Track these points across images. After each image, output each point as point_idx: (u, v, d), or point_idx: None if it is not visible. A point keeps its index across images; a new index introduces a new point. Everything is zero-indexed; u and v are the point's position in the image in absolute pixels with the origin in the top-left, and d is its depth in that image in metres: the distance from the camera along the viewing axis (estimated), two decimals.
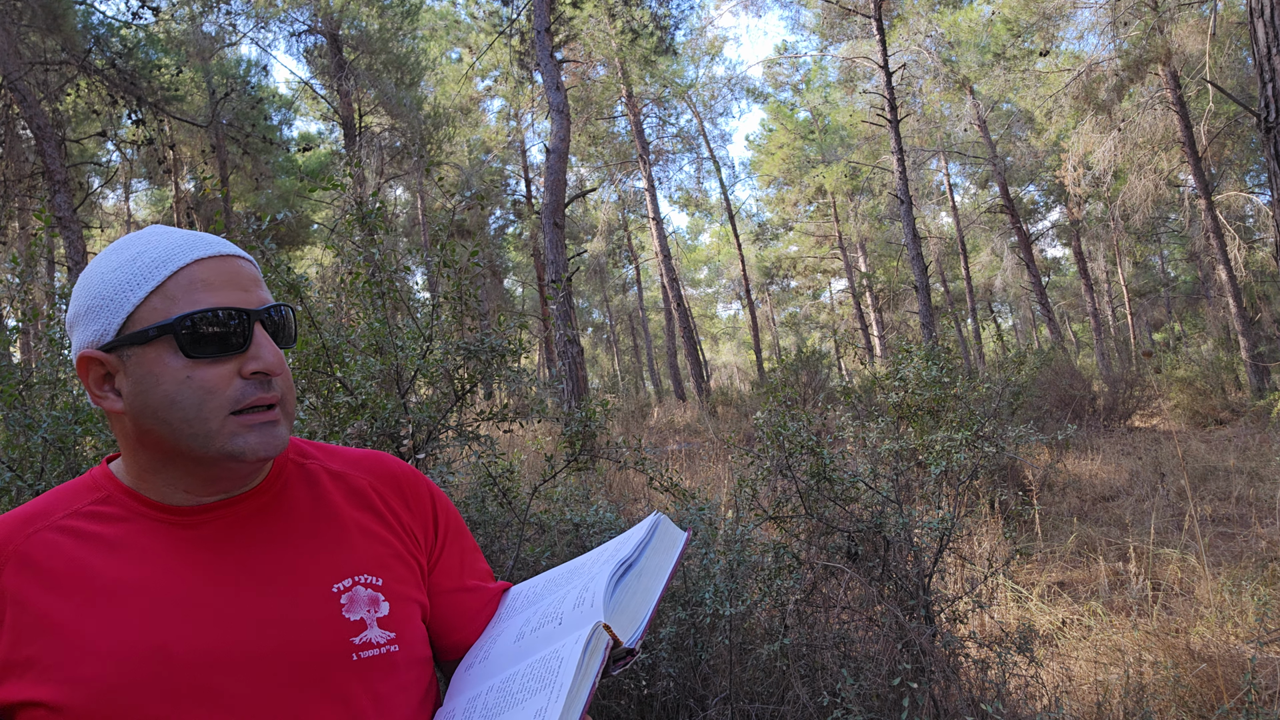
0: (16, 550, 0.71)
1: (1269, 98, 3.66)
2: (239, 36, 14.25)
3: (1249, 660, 2.62)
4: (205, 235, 0.76)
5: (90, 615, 0.69)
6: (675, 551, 0.84)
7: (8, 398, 2.16)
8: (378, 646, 0.75)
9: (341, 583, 0.76)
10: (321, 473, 0.84)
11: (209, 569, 0.73)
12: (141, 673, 0.67)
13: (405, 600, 0.80)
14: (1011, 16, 14.32)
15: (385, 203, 3.45)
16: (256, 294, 0.75)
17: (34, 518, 0.74)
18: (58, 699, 0.66)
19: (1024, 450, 6.80)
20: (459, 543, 0.91)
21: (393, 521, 0.84)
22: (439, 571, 0.87)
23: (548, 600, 0.83)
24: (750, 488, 2.84)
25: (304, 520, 0.80)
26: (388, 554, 0.81)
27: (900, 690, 2.17)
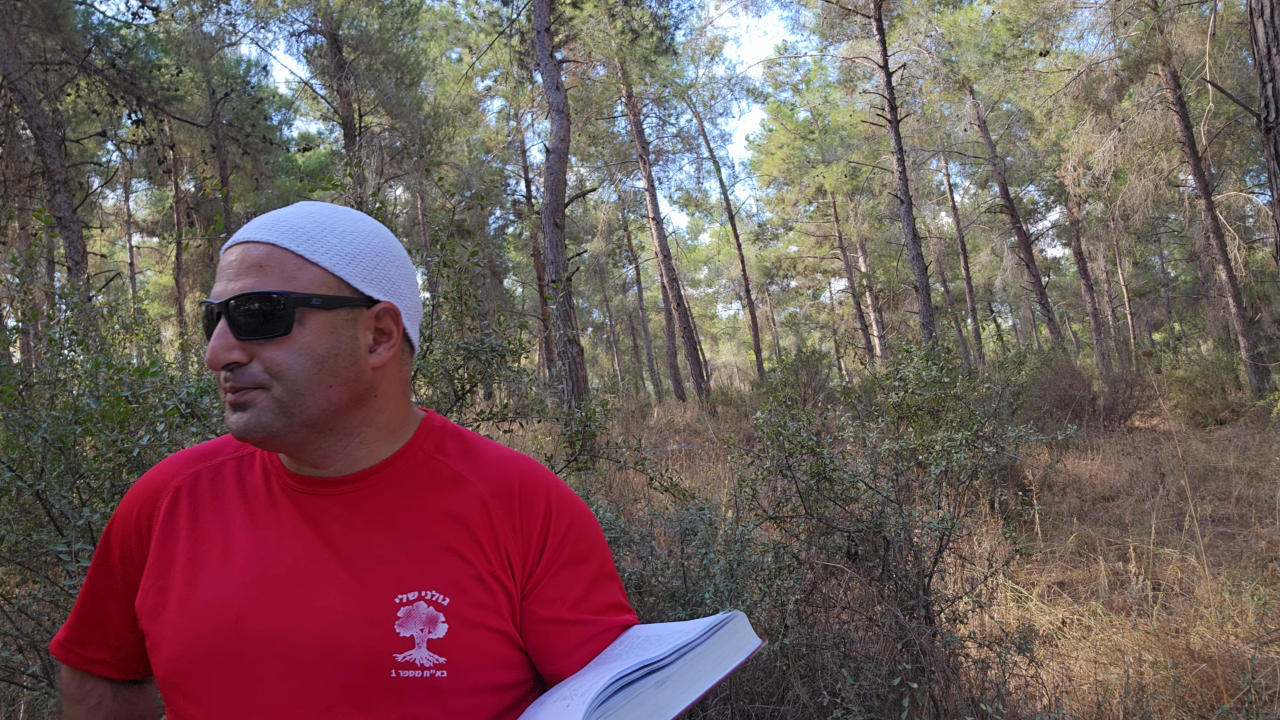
0: (177, 487, 0.80)
1: (1269, 98, 3.66)
2: (239, 36, 14.25)
3: (1249, 660, 2.62)
4: (260, 218, 0.77)
5: (207, 567, 0.75)
6: (734, 660, 0.72)
7: (8, 398, 2.16)
8: (420, 669, 0.71)
9: (406, 594, 0.73)
10: (443, 471, 0.81)
11: (300, 551, 0.75)
12: (218, 638, 0.72)
13: (472, 625, 0.74)
14: (1011, 16, 14.32)
15: (385, 203, 3.45)
16: (241, 281, 0.72)
17: (202, 457, 0.83)
18: (158, 638, 0.74)
19: (1024, 450, 6.80)
20: (572, 570, 0.80)
21: (486, 541, 0.78)
22: (535, 598, 0.79)
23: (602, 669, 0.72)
24: (750, 488, 2.84)
25: (399, 519, 0.77)
26: (468, 575, 0.76)
27: (900, 690, 2.17)
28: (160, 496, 0.80)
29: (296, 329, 0.73)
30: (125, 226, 20.18)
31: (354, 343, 0.75)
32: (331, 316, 0.74)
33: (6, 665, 1.94)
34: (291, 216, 0.76)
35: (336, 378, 0.74)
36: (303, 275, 0.73)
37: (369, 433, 0.78)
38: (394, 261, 0.80)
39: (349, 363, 0.75)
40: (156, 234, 21.09)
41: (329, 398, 0.74)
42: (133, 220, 20.40)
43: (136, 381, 2.32)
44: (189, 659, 0.72)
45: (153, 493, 0.81)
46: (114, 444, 2.11)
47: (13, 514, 2.15)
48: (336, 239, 0.76)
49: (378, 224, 0.82)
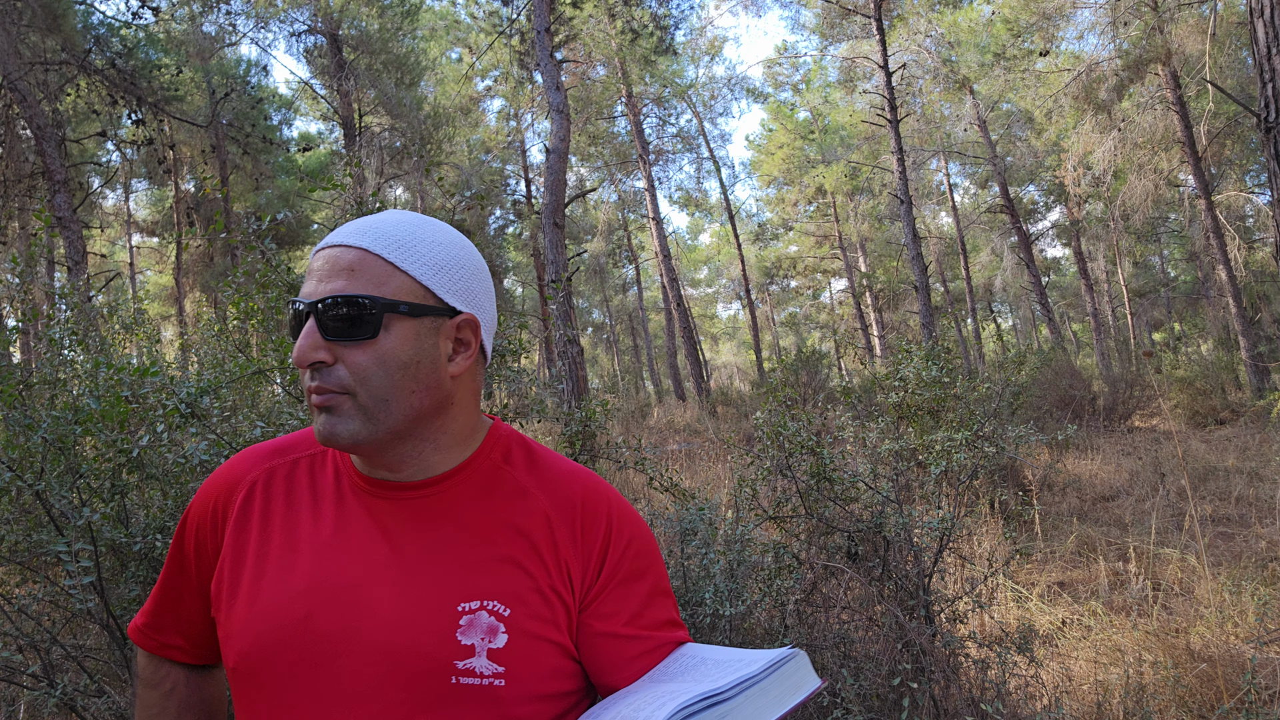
0: (251, 484, 0.82)
1: (1269, 98, 3.66)
2: (239, 36, 14.25)
3: (1249, 660, 2.62)
4: (353, 223, 0.78)
5: (274, 563, 0.77)
6: (793, 699, 0.72)
7: (8, 398, 2.16)
8: (480, 676, 0.73)
9: (469, 603, 0.75)
10: (509, 483, 0.83)
11: (368, 554, 0.77)
12: (286, 633, 0.74)
13: (531, 637, 0.76)
14: (1011, 16, 14.32)
15: (385, 203, 3.45)
16: (333, 284, 0.74)
17: (276, 453, 0.85)
18: (228, 630, 0.77)
19: (1024, 450, 6.80)
20: (630, 587, 0.82)
21: (548, 555, 0.80)
22: (592, 612, 0.81)
23: (659, 688, 0.73)
24: (750, 488, 2.84)
25: (466, 527, 0.79)
26: (529, 587, 0.77)
27: (900, 690, 2.17)
28: (236, 490, 0.82)
29: (383, 334, 0.74)
30: (125, 226, 20.18)
31: (435, 351, 0.78)
32: (416, 324, 0.76)
33: (6, 665, 1.94)
34: (383, 224, 0.77)
35: (418, 384, 0.76)
36: (391, 282, 0.75)
37: (444, 439, 0.81)
38: (477, 275, 0.83)
39: (430, 370, 0.77)
40: (156, 234, 21.09)
41: (411, 403, 0.76)
42: (133, 220, 20.40)
43: (136, 381, 2.32)
44: (258, 652, 0.74)
45: (229, 486, 0.83)
46: (114, 444, 2.11)
47: (13, 514, 2.15)
48: (426, 249, 0.78)
49: (463, 237, 0.84)
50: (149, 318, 5.89)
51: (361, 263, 0.75)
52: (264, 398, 3.12)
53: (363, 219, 0.79)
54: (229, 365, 2.87)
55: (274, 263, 2.61)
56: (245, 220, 2.67)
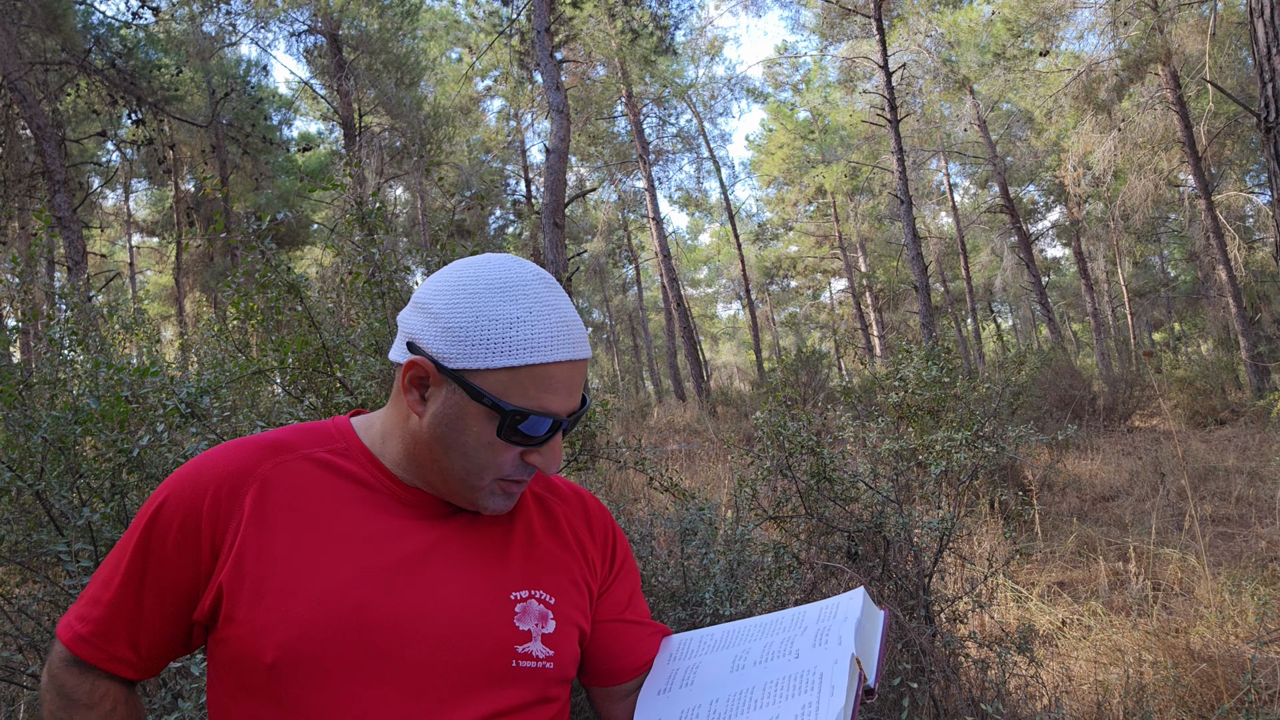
0: (263, 477, 0.79)
1: (1269, 98, 3.66)
2: (239, 36, 14.25)
3: (1249, 660, 2.62)
4: (576, 328, 0.79)
5: (312, 556, 0.76)
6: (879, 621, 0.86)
7: (7, 398, 2.16)
8: (536, 660, 0.80)
9: (519, 593, 0.82)
10: (527, 492, 0.91)
11: (415, 546, 0.79)
12: (339, 623, 0.73)
13: (570, 623, 0.85)
14: (1011, 16, 14.32)
15: (385, 203, 3.44)
16: (578, 396, 0.80)
17: (279, 448, 0.82)
18: (261, 624, 0.73)
19: (1024, 450, 6.79)
20: (630, 579, 0.96)
21: (575, 548, 0.90)
22: (607, 601, 0.93)
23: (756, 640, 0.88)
24: (750, 488, 2.84)
25: (501, 526, 0.86)
26: (565, 579, 0.87)
27: (900, 690, 2.17)
28: (245, 482, 0.78)
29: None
30: (125, 226, 20.18)
31: None
32: None
33: (6, 665, 1.94)
34: (582, 322, 0.82)
35: None
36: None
37: None
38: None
39: None
40: (156, 234, 21.09)
41: None
42: (133, 220, 20.40)
43: (136, 381, 2.32)
44: (306, 644, 0.73)
45: (233, 478, 0.79)
46: (114, 444, 2.11)
47: (13, 514, 2.15)
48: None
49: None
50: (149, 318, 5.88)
51: (586, 371, 0.82)
52: (264, 398, 3.12)
53: (570, 318, 0.79)
54: (229, 365, 2.87)
55: (274, 263, 2.61)
56: (245, 220, 2.68)
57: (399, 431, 0.82)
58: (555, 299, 0.78)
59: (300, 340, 2.56)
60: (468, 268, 0.79)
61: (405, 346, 0.79)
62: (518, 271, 0.78)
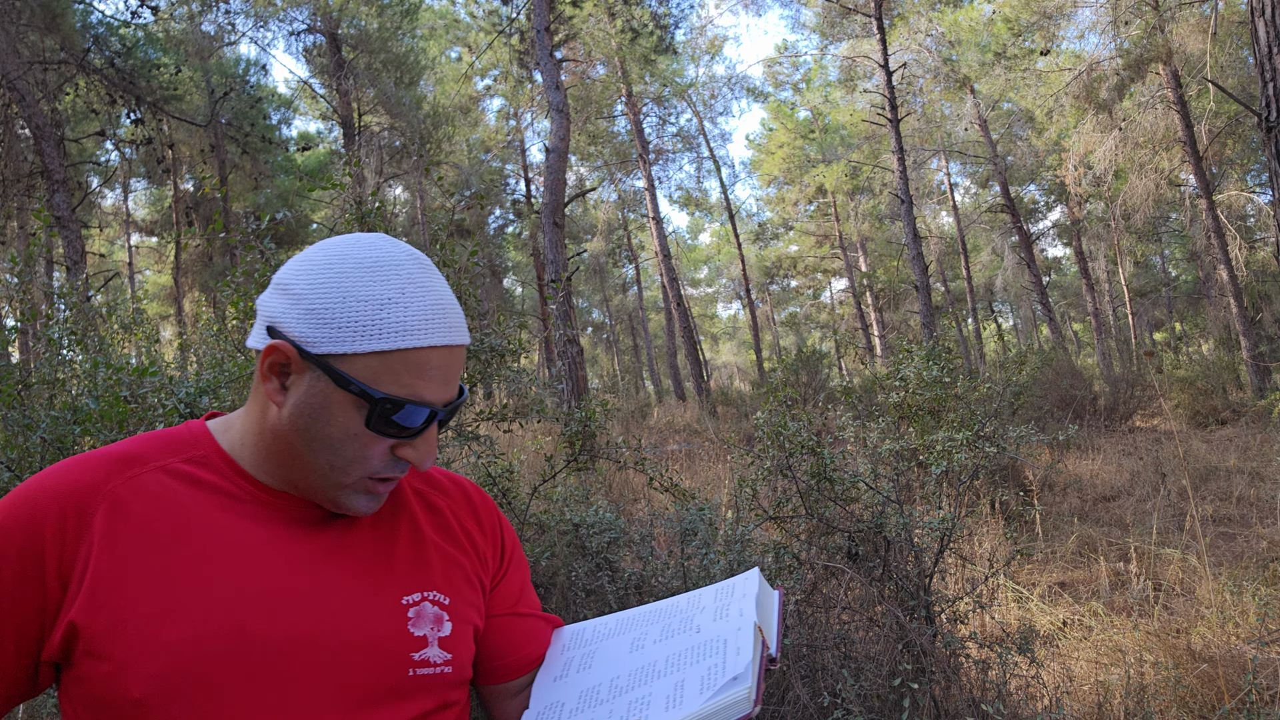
0: (113, 492, 0.70)
1: (1270, 97, 3.65)
2: (238, 36, 14.24)
3: (1250, 661, 2.61)
4: (453, 312, 0.74)
5: (177, 578, 0.68)
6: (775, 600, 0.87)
7: (6, 397, 2.15)
8: (434, 665, 0.75)
9: (412, 596, 0.77)
10: (406, 487, 0.85)
11: (292, 556, 0.73)
12: (217, 649, 0.66)
13: (465, 623, 0.81)
14: (1012, 15, 14.31)
15: (384, 202, 3.44)
16: (454, 385, 0.75)
17: (129, 461, 0.73)
18: (126, 656, 0.65)
19: (1025, 450, 6.79)
20: (521, 570, 0.92)
21: (465, 543, 0.85)
22: (499, 594, 0.88)
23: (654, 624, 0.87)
24: (750, 488, 2.84)
25: (384, 527, 0.80)
26: (459, 576, 0.82)
27: (901, 691, 2.16)
28: (92, 502, 0.69)
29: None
30: (124, 226, 20.17)
31: None
32: None
33: None
34: (459, 307, 0.77)
35: None
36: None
37: None
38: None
39: None
40: (155, 233, 21.09)
41: None
42: (131, 220, 20.40)
43: (135, 381, 2.31)
44: (181, 674, 0.65)
45: (77, 499, 0.69)
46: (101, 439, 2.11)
47: None
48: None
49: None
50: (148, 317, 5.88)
51: (464, 358, 0.77)
52: None
53: (448, 301, 0.74)
54: (228, 365, 2.87)
55: (273, 262, 2.60)
56: (244, 220, 2.67)
57: (257, 427, 0.75)
58: (430, 280, 0.73)
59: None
60: (335, 246, 0.72)
61: (265, 331, 0.72)
62: (389, 251, 0.72)
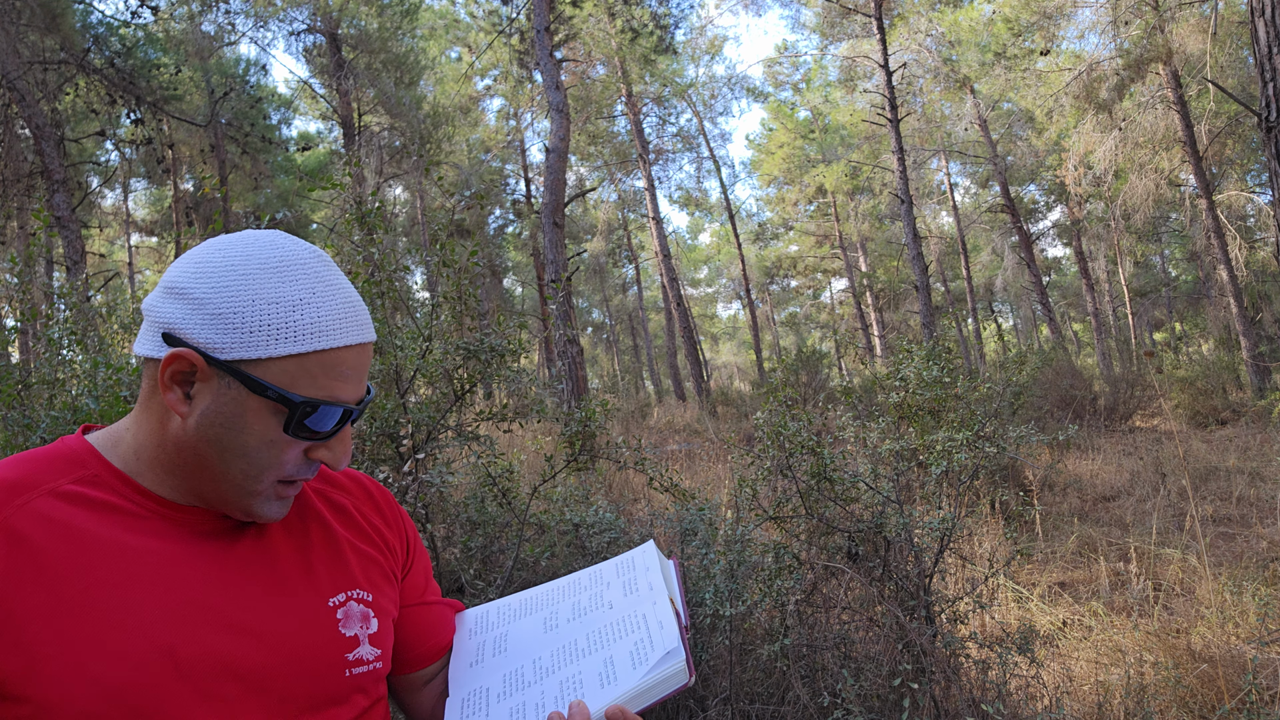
0: (6, 524, 0.64)
1: (1270, 97, 3.65)
2: (238, 36, 14.23)
3: (1250, 661, 2.61)
4: (361, 309, 0.73)
5: (94, 606, 0.63)
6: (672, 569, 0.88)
7: (6, 397, 2.15)
8: (367, 663, 0.77)
9: (337, 598, 0.77)
10: (307, 489, 0.83)
11: (209, 572, 0.70)
12: (150, 674, 0.63)
13: (387, 616, 0.82)
14: (1012, 15, 14.30)
15: (384, 202, 3.44)
16: (365, 381, 0.74)
17: (16, 488, 0.66)
18: (47, 695, 0.60)
19: (1025, 450, 6.79)
20: (424, 559, 0.93)
21: (375, 538, 0.85)
22: (408, 585, 0.89)
23: (562, 602, 0.88)
24: (750, 488, 2.84)
25: (296, 532, 0.79)
26: (376, 571, 0.83)
27: (901, 691, 2.16)
28: None
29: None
30: (124, 226, 20.17)
31: None
32: None
33: None
34: (363, 302, 0.76)
35: None
36: None
37: None
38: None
39: None
40: (155, 233, 21.09)
41: None
42: (131, 220, 20.39)
43: (135, 381, 2.31)
44: (117, 704, 0.62)
45: None
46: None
47: None
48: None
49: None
50: None
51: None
52: None
53: (354, 299, 0.73)
54: None
55: None
56: (244, 220, 2.67)
57: (155, 440, 0.71)
58: (336, 278, 0.71)
59: None
60: (233, 246, 0.69)
61: (160, 339, 0.68)
62: (292, 249, 0.70)
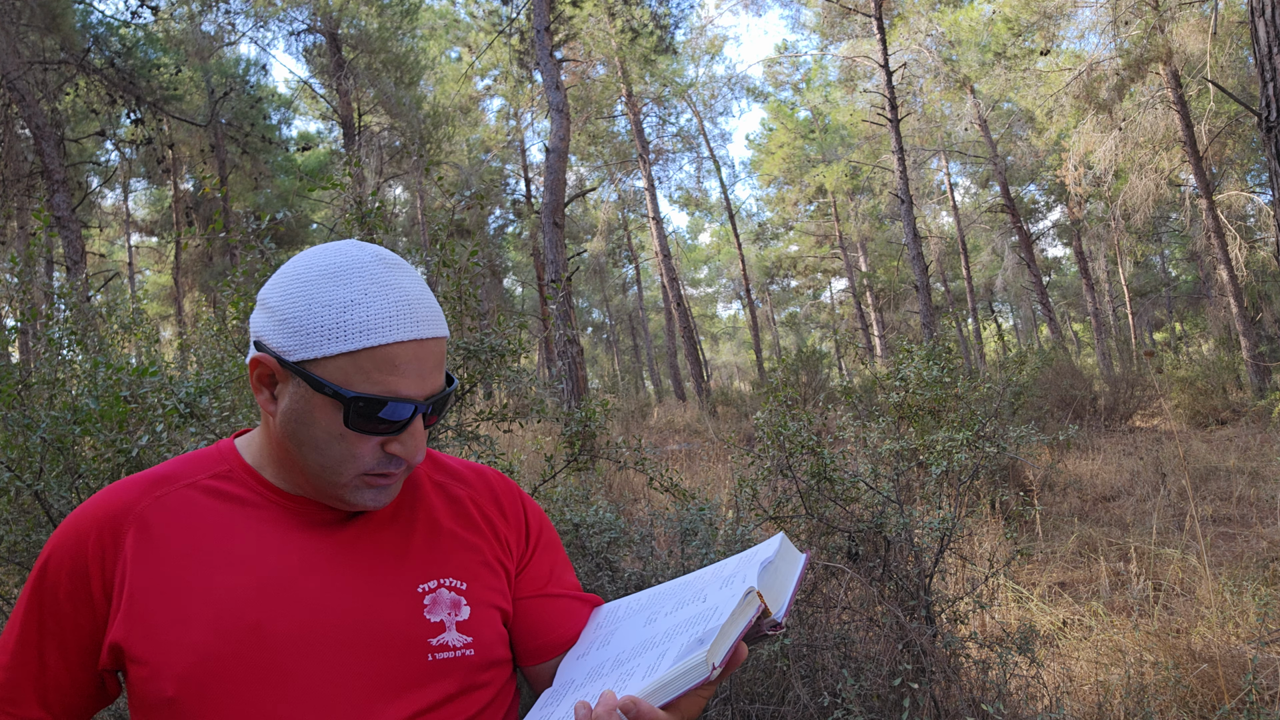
0: (141, 514, 0.77)
1: (1270, 97, 3.65)
2: (238, 36, 14.24)
3: (1250, 660, 2.61)
4: (418, 308, 0.75)
5: (200, 584, 0.74)
6: (798, 563, 0.86)
7: (6, 398, 2.15)
8: (454, 649, 0.78)
9: (427, 584, 0.80)
10: (425, 480, 0.89)
11: (306, 555, 0.77)
12: (236, 646, 0.71)
13: (487, 606, 0.83)
14: (1012, 15, 14.30)
15: (384, 202, 3.44)
16: (434, 378, 0.76)
17: (160, 482, 0.80)
18: (159, 659, 0.71)
19: (1025, 450, 6.79)
20: (550, 554, 0.94)
21: (485, 530, 0.88)
22: (526, 577, 0.90)
23: (673, 597, 0.87)
24: (750, 488, 2.84)
25: (401, 521, 0.84)
26: (476, 561, 0.85)
27: (901, 691, 2.16)
28: (124, 522, 0.77)
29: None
30: (124, 226, 20.17)
31: None
32: None
33: None
34: (433, 300, 0.79)
35: None
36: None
37: None
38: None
39: None
40: (155, 233, 21.08)
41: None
42: (131, 220, 20.39)
43: (135, 381, 2.31)
44: (205, 672, 0.70)
45: (113, 520, 0.77)
46: (113, 444, 2.11)
47: (12, 514, 2.15)
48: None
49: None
50: (148, 317, 5.88)
51: (444, 349, 0.79)
52: None
53: (418, 296, 0.77)
54: (228, 365, 2.87)
55: (273, 262, 2.60)
56: (244, 220, 2.67)
57: (266, 438, 0.81)
58: (395, 278, 0.75)
59: None
60: (304, 258, 0.76)
61: (253, 346, 0.77)
62: (354, 255, 0.75)
